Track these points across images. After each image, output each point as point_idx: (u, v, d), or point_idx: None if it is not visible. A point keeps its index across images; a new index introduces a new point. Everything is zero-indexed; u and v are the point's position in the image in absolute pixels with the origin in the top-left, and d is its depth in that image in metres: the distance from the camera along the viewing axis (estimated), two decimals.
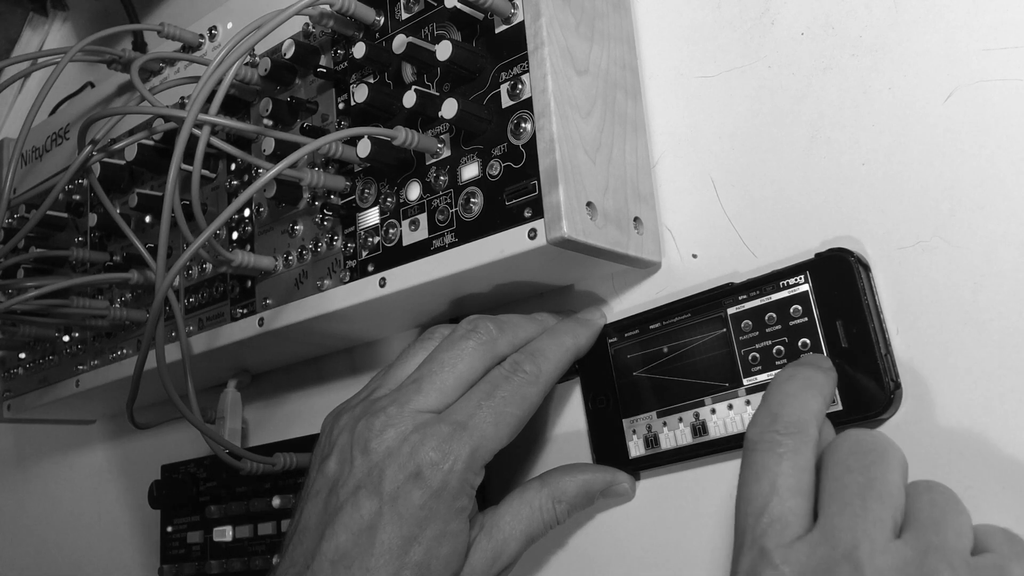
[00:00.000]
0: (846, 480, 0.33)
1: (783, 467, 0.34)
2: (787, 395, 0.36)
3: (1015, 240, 0.38)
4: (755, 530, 0.34)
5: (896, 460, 0.34)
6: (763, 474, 0.35)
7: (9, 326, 0.67)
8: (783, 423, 0.35)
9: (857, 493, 0.33)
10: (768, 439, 0.35)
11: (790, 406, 0.36)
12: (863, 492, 0.33)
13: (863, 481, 0.33)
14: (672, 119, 0.48)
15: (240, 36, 0.46)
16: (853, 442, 0.35)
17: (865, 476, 0.33)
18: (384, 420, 0.42)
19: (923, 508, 0.33)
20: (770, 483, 0.34)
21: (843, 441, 0.35)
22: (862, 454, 0.34)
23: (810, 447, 0.35)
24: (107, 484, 0.77)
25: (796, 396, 0.36)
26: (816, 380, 0.37)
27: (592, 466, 0.47)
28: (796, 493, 0.34)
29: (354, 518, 0.41)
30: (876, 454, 0.34)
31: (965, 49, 0.40)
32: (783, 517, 0.33)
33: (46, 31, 0.98)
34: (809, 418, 0.36)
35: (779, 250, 0.44)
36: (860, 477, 0.33)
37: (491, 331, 0.44)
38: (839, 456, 0.34)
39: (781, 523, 0.33)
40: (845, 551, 0.32)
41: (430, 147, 0.47)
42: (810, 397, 0.36)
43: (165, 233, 0.47)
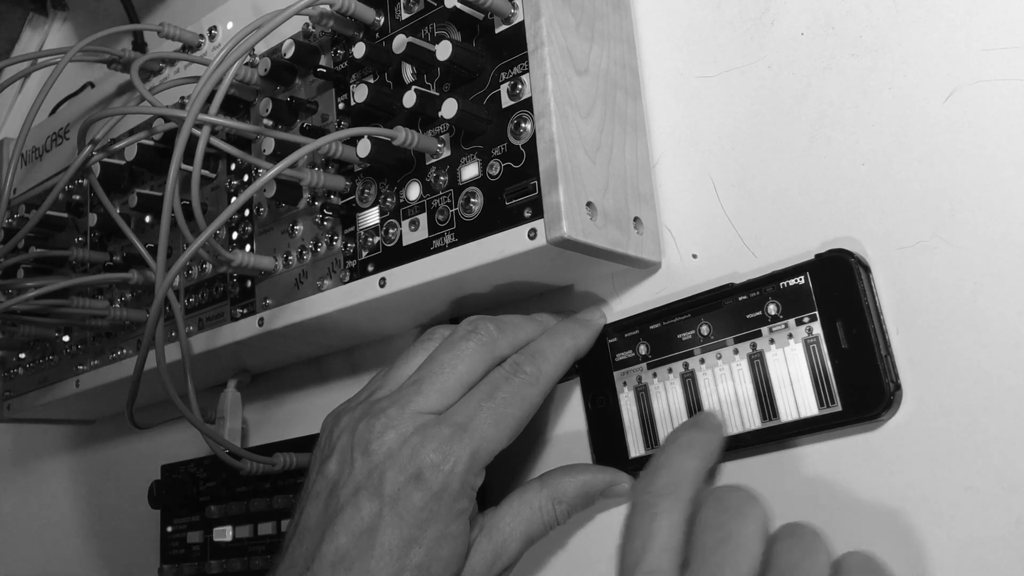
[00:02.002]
0: (705, 537, 0.36)
1: (654, 526, 0.37)
2: (665, 458, 0.40)
3: (1015, 240, 0.38)
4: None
5: (753, 513, 0.37)
6: (637, 533, 0.37)
7: (9, 326, 0.67)
8: (656, 485, 0.38)
9: (714, 548, 0.36)
10: (643, 501, 0.38)
11: (665, 468, 0.39)
12: (719, 546, 0.35)
13: (721, 536, 0.36)
14: (672, 119, 0.48)
15: (240, 36, 0.46)
16: (714, 499, 0.37)
17: (723, 531, 0.36)
18: (385, 421, 0.42)
19: (778, 555, 0.36)
20: (643, 542, 0.37)
21: (707, 500, 0.38)
22: (721, 511, 0.37)
23: (681, 505, 0.38)
24: (107, 484, 0.77)
25: (672, 458, 0.39)
26: (694, 441, 0.40)
27: (592, 467, 0.47)
28: (666, 549, 0.37)
29: (354, 519, 0.41)
30: (733, 510, 0.37)
31: (965, 49, 0.40)
32: (653, 572, 0.36)
33: (46, 31, 0.98)
34: (681, 479, 0.39)
35: (779, 250, 0.44)
36: (718, 532, 0.36)
37: (491, 332, 0.44)
38: (702, 514, 0.37)
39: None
40: None
41: (430, 147, 0.47)
42: (686, 459, 0.39)
43: (165, 233, 0.47)
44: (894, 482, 0.39)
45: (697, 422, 0.42)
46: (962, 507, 0.38)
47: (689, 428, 0.42)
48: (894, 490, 0.39)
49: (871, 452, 0.40)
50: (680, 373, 0.45)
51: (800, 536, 0.36)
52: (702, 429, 0.41)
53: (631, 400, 0.46)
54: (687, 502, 0.38)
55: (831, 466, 0.41)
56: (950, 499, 0.38)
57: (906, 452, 0.39)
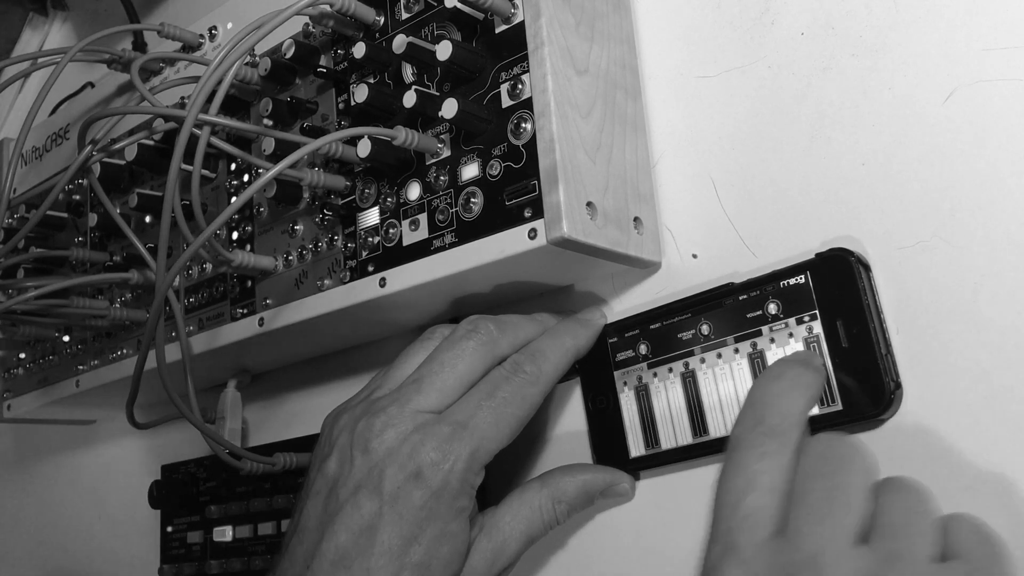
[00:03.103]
0: (812, 485, 0.34)
1: (762, 466, 0.35)
2: (773, 395, 0.37)
3: (1015, 240, 0.38)
4: (728, 522, 0.34)
5: (862, 465, 0.34)
6: (742, 470, 0.35)
7: (9, 326, 0.67)
8: (767, 425, 0.36)
9: (822, 499, 0.33)
10: (750, 440, 0.36)
11: (775, 407, 0.36)
12: (827, 498, 0.33)
13: (828, 487, 0.33)
14: (672, 119, 0.48)
15: (240, 36, 0.46)
16: (822, 447, 0.35)
17: (830, 482, 0.34)
18: (384, 420, 0.42)
19: (888, 512, 0.33)
20: (747, 479, 0.35)
21: (812, 446, 0.35)
22: (828, 460, 0.34)
23: (790, 449, 0.35)
24: (107, 484, 0.77)
25: (782, 397, 0.37)
26: (803, 380, 0.37)
27: (592, 466, 0.47)
28: (772, 491, 0.34)
29: (354, 518, 0.41)
30: (842, 460, 0.34)
31: (965, 49, 0.40)
32: (756, 513, 0.34)
33: (46, 31, 0.98)
34: (792, 420, 0.36)
35: (779, 250, 0.44)
36: (825, 483, 0.34)
37: (492, 331, 0.44)
38: (807, 461, 0.35)
39: (754, 519, 0.34)
40: (807, 557, 0.32)
41: (430, 147, 0.47)
42: (796, 398, 0.37)
43: (165, 233, 0.47)
44: None
45: (804, 360, 0.39)
46: (962, 507, 0.37)
47: (797, 365, 0.38)
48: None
49: (871, 451, 0.40)
50: (680, 373, 0.45)
51: (911, 493, 0.34)
52: (811, 368, 0.38)
53: (631, 400, 0.46)
54: (795, 446, 0.35)
55: None
56: (950, 499, 0.38)
57: (906, 451, 0.39)
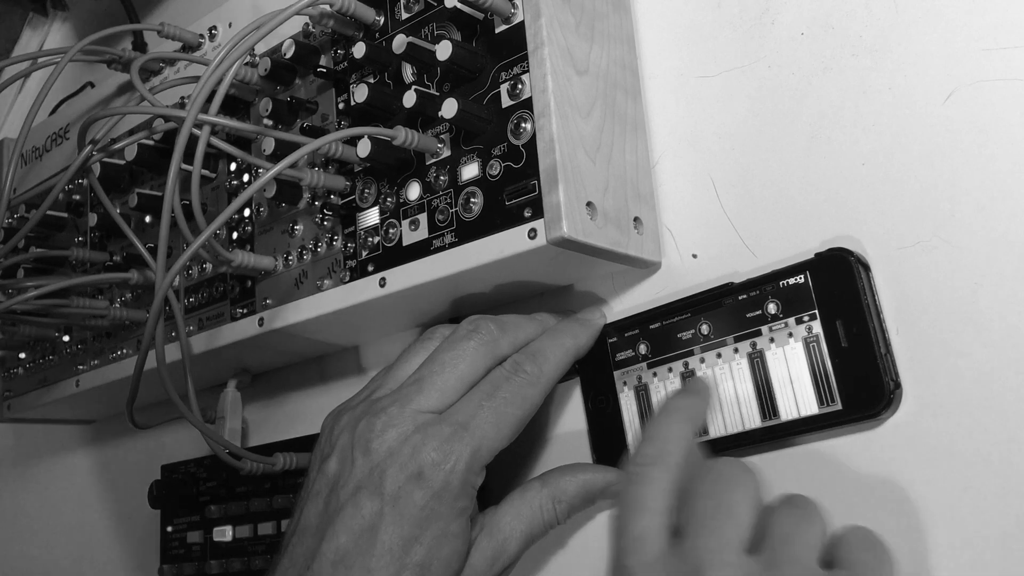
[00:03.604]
0: (698, 505, 0.36)
1: (646, 490, 0.37)
2: (654, 428, 0.40)
3: (1015, 240, 0.38)
4: (619, 548, 0.37)
5: (746, 485, 0.37)
6: (629, 500, 0.38)
7: (9, 326, 0.67)
8: (642, 455, 0.39)
9: (706, 516, 0.36)
10: (635, 472, 0.38)
11: (650, 438, 0.39)
12: (713, 514, 0.35)
13: (713, 504, 0.36)
14: (672, 119, 0.48)
15: (240, 36, 0.46)
16: (707, 470, 0.38)
17: (715, 500, 0.36)
18: (385, 420, 0.42)
19: (775, 524, 0.36)
20: (634, 506, 0.37)
21: (700, 470, 0.38)
22: (714, 481, 0.37)
23: (668, 471, 0.38)
24: (107, 484, 0.77)
25: (661, 428, 0.40)
26: (680, 407, 0.41)
27: (592, 466, 0.47)
28: (655, 513, 0.37)
29: (355, 518, 0.41)
30: (727, 480, 0.37)
31: (965, 49, 0.40)
32: (643, 535, 0.36)
33: (46, 31, 0.98)
34: (668, 446, 0.39)
35: (779, 250, 0.44)
36: (711, 501, 0.36)
37: (492, 331, 0.44)
38: (696, 484, 0.37)
39: (641, 541, 0.36)
40: (694, 566, 0.34)
41: (430, 147, 0.47)
42: (672, 425, 0.40)
43: (165, 233, 0.47)
44: (894, 481, 0.39)
45: (685, 388, 0.43)
46: (962, 507, 0.38)
47: (676, 395, 0.42)
48: (894, 489, 0.39)
49: (871, 451, 0.40)
50: (680, 372, 0.45)
51: (795, 506, 0.36)
52: (689, 394, 0.42)
53: (631, 399, 0.46)
54: (676, 468, 0.38)
55: (831, 465, 0.41)
56: (950, 499, 0.38)
57: (906, 451, 0.39)
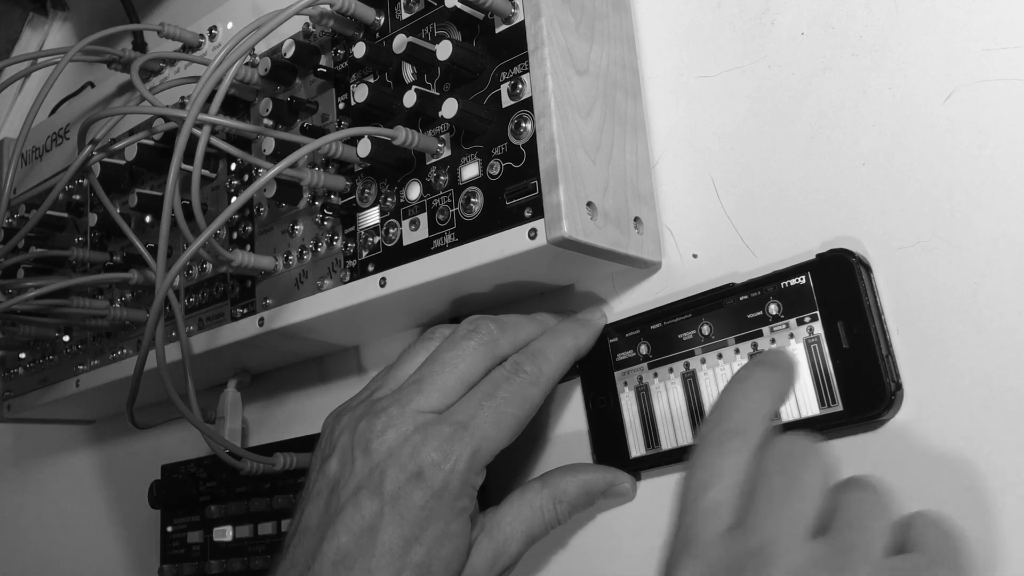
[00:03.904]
0: (770, 482, 0.35)
1: (723, 462, 0.36)
2: (738, 397, 0.38)
3: (1015, 240, 0.38)
4: (689, 516, 0.36)
5: (817, 464, 0.36)
6: (704, 468, 0.36)
7: (9, 326, 0.67)
8: (729, 424, 0.37)
9: (778, 493, 0.34)
10: (713, 438, 0.37)
11: (738, 407, 0.38)
12: (784, 492, 0.34)
13: (783, 483, 0.35)
14: (672, 119, 0.48)
15: (240, 36, 0.46)
16: (781, 446, 0.36)
17: (786, 478, 0.35)
18: (385, 420, 0.42)
19: (844, 508, 0.35)
20: (708, 476, 0.36)
21: (773, 445, 0.37)
22: (787, 457, 0.36)
23: (750, 447, 0.37)
24: (107, 484, 0.77)
25: (746, 397, 0.38)
26: (767, 381, 0.39)
27: (593, 466, 0.47)
28: (731, 487, 0.36)
29: (355, 519, 0.41)
30: (800, 457, 0.36)
31: (965, 49, 0.40)
32: (715, 507, 0.35)
33: (46, 31, 0.98)
34: (755, 420, 0.37)
35: (779, 250, 0.44)
36: (781, 479, 0.35)
37: (492, 331, 0.44)
38: (768, 459, 0.36)
39: (712, 512, 0.35)
40: (759, 546, 0.33)
41: (430, 147, 0.47)
42: (759, 399, 0.38)
43: (165, 233, 0.47)
44: (895, 482, 0.39)
45: (771, 361, 0.40)
46: (962, 507, 0.38)
47: (763, 366, 0.39)
48: (895, 490, 0.39)
49: (872, 452, 0.40)
50: (681, 373, 0.45)
51: (866, 489, 0.35)
52: (777, 368, 0.39)
53: (632, 400, 0.46)
54: (756, 445, 0.37)
55: None
56: (950, 499, 0.38)
57: (907, 452, 0.39)
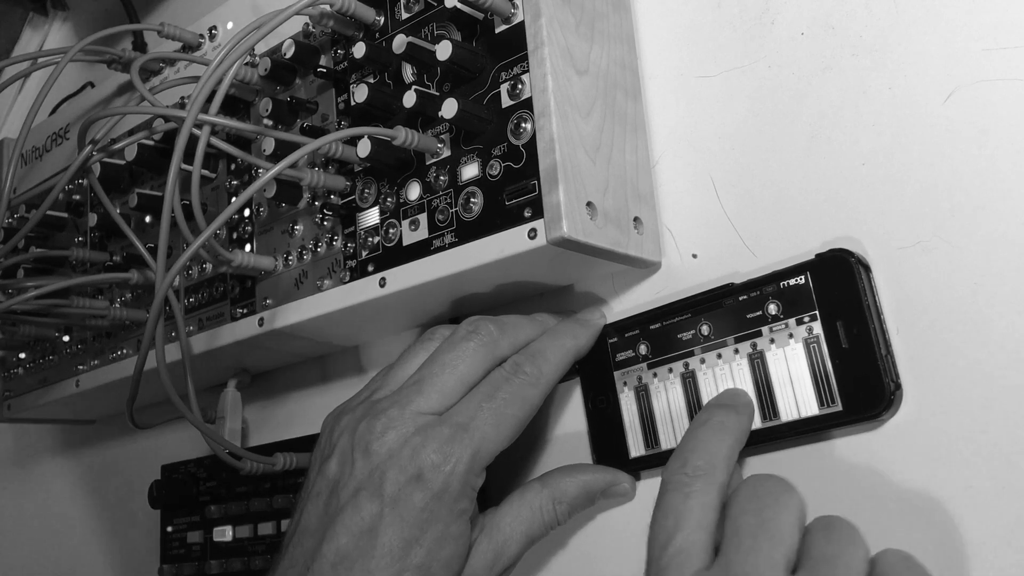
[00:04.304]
0: (741, 522, 0.36)
1: (689, 505, 0.37)
2: (698, 440, 0.39)
3: (1015, 240, 0.38)
4: (660, 561, 0.36)
5: (790, 503, 0.36)
6: (671, 511, 0.37)
7: (9, 326, 0.67)
8: (691, 466, 0.38)
9: (750, 533, 0.35)
10: (677, 480, 0.38)
11: (699, 451, 0.39)
12: (755, 532, 0.35)
13: (756, 522, 0.35)
14: (672, 119, 0.48)
15: (240, 36, 0.46)
16: (751, 486, 0.37)
17: (758, 518, 0.35)
18: (385, 422, 0.42)
19: (816, 545, 0.35)
20: (676, 519, 0.37)
21: (743, 486, 0.37)
22: (758, 498, 0.36)
23: (715, 488, 0.38)
24: (107, 484, 0.77)
25: (706, 441, 0.39)
26: (727, 424, 0.40)
27: (592, 467, 0.47)
28: (699, 528, 0.36)
29: (355, 520, 0.41)
30: (771, 497, 0.36)
31: (965, 49, 0.40)
32: (685, 550, 0.36)
33: (46, 31, 0.98)
34: (716, 462, 0.38)
35: (779, 250, 0.44)
36: (754, 519, 0.35)
37: (492, 332, 0.44)
38: (738, 499, 0.37)
39: (683, 555, 0.36)
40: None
41: (430, 147, 0.47)
42: (719, 441, 0.39)
43: (165, 233, 0.47)
44: (894, 482, 0.39)
45: (729, 403, 0.41)
46: (962, 507, 0.38)
47: (721, 409, 0.41)
48: (894, 490, 0.39)
49: (871, 452, 0.40)
50: (680, 373, 0.45)
51: (838, 529, 0.36)
52: (734, 410, 0.41)
53: (631, 400, 0.46)
54: (722, 485, 0.38)
55: (831, 466, 0.41)
56: (950, 499, 0.38)
57: (906, 452, 0.39)
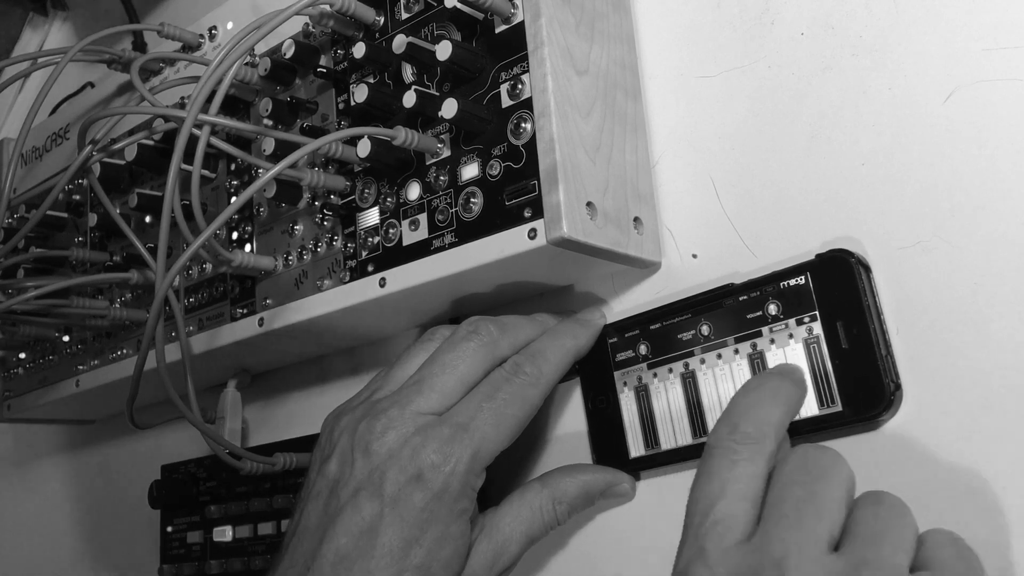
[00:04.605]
0: (786, 493, 0.34)
1: (735, 473, 0.35)
2: (750, 405, 0.37)
3: (1015, 240, 0.38)
4: (699, 528, 0.35)
5: (839, 477, 0.35)
6: (715, 477, 0.35)
7: (9, 326, 0.67)
8: (741, 432, 0.36)
9: (794, 506, 0.34)
10: (725, 446, 0.36)
11: (750, 416, 0.37)
12: (800, 506, 0.33)
13: (802, 495, 0.34)
14: (672, 119, 0.48)
15: (240, 36, 0.46)
16: (800, 457, 0.35)
17: (805, 490, 0.34)
18: (385, 422, 0.42)
19: (863, 522, 0.34)
20: (720, 486, 0.35)
21: (791, 456, 0.36)
22: (806, 470, 0.35)
23: (764, 457, 0.36)
24: (107, 484, 0.77)
25: (758, 406, 0.37)
26: (782, 391, 0.38)
27: (592, 467, 0.47)
28: (743, 498, 0.35)
29: (355, 520, 0.41)
30: (820, 470, 0.35)
31: (965, 49, 0.40)
32: (726, 519, 0.34)
33: (46, 31, 0.98)
34: (767, 429, 0.36)
35: (779, 250, 0.44)
36: (800, 491, 0.34)
37: (492, 332, 0.44)
38: (785, 470, 0.35)
39: (724, 525, 0.34)
40: (774, 560, 0.32)
41: (430, 147, 0.47)
42: (772, 408, 0.37)
43: (165, 233, 0.47)
44: (894, 482, 0.39)
45: (785, 372, 0.39)
46: (962, 507, 0.38)
47: (777, 376, 0.39)
48: (894, 490, 0.39)
49: (871, 452, 0.40)
50: (680, 373, 0.45)
51: (888, 506, 0.34)
52: (790, 380, 0.39)
53: (631, 400, 0.46)
54: (770, 454, 0.36)
55: None
56: (950, 499, 0.38)
57: (906, 452, 0.39)
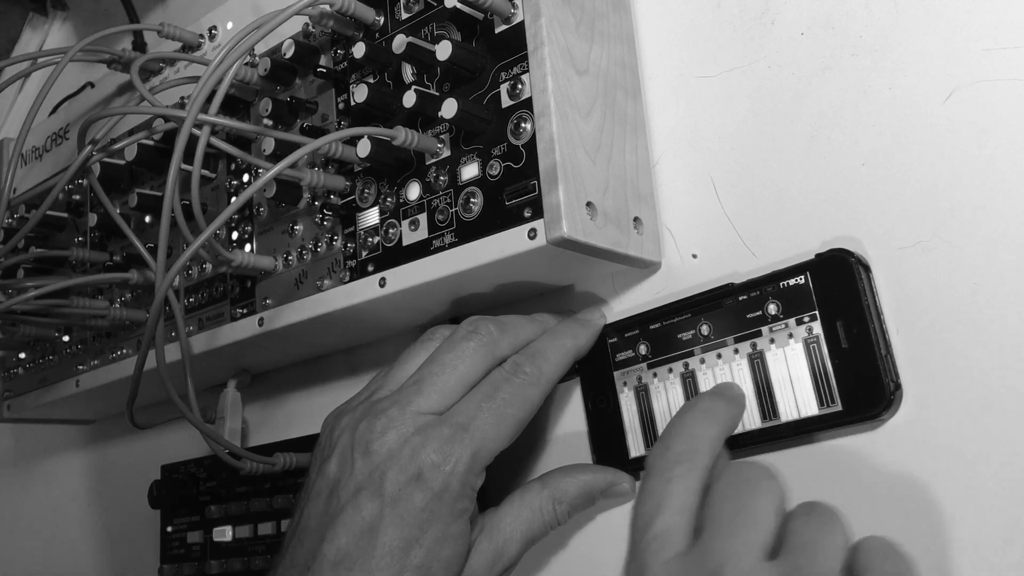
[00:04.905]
0: (721, 507, 0.36)
1: (670, 488, 0.37)
2: (682, 426, 0.39)
3: (1015, 240, 0.38)
4: (639, 544, 0.36)
5: (770, 489, 0.36)
6: (652, 495, 0.37)
7: (9, 326, 0.67)
8: (673, 452, 0.38)
9: (728, 519, 0.35)
10: (659, 465, 0.38)
11: (683, 435, 0.39)
12: (733, 518, 0.35)
13: (735, 508, 0.35)
14: (672, 119, 0.48)
15: (240, 36, 0.46)
16: (732, 472, 0.37)
17: (737, 504, 0.35)
18: (385, 422, 0.42)
19: (795, 532, 0.35)
20: (656, 503, 0.37)
21: (725, 471, 0.37)
22: (737, 484, 0.36)
23: (697, 473, 0.37)
24: (107, 484, 0.77)
25: (690, 426, 0.39)
26: (714, 410, 0.40)
27: (592, 467, 0.47)
28: (678, 512, 0.36)
29: (355, 520, 0.41)
30: (751, 484, 0.36)
31: (965, 49, 0.40)
32: (664, 534, 0.36)
33: (46, 31, 0.98)
34: (699, 445, 0.38)
35: (779, 250, 0.44)
36: (734, 504, 0.36)
37: (492, 332, 0.44)
38: (718, 485, 0.37)
39: (662, 539, 0.36)
40: (712, 569, 0.34)
41: (430, 147, 0.47)
42: (704, 426, 0.39)
43: (165, 233, 0.47)
44: (894, 482, 0.39)
45: (718, 391, 0.42)
46: (962, 507, 0.38)
47: (710, 396, 0.41)
48: (894, 490, 0.39)
49: (871, 452, 0.40)
50: (680, 373, 0.45)
51: (818, 514, 0.36)
52: (723, 398, 0.41)
53: (631, 400, 0.46)
54: (703, 470, 0.38)
55: (831, 466, 0.41)
56: (950, 499, 0.38)
57: (906, 452, 0.39)
